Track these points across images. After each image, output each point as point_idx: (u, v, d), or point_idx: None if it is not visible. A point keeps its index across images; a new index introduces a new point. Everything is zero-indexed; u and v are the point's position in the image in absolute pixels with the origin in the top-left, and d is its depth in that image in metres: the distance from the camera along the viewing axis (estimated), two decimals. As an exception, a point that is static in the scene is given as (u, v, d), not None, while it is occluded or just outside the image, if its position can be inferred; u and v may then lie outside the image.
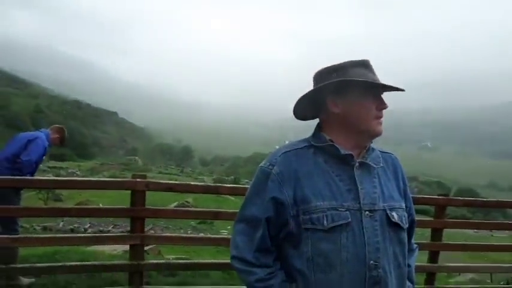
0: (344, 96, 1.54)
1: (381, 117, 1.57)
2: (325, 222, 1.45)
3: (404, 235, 1.60)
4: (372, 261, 1.45)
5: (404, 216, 1.60)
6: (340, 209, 1.47)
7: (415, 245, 1.82)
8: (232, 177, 67.88)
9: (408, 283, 1.65)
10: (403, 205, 1.63)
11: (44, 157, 5.17)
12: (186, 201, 27.86)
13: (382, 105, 1.56)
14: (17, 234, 4.82)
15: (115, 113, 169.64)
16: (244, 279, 1.58)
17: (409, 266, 1.66)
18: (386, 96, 1.60)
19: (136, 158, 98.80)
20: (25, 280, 4.75)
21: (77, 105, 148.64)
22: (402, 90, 1.58)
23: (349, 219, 1.46)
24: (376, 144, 1.69)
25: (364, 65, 1.57)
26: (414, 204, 1.84)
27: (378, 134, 1.58)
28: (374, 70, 1.57)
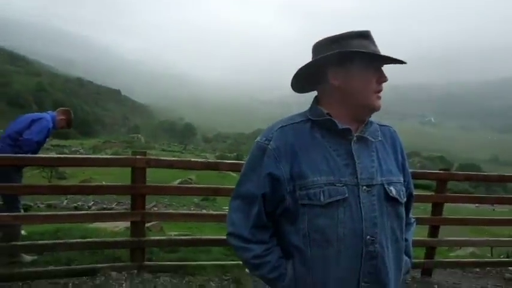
0: (345, 68, 1.49)
1: (380, 91, 1.52)
2: (322, 197, 1.43)
3: (402, 209, 1.57)
4: (368, 236, 1.44)
5: (402, 191, 1.58)
6: (337, 184, 1.44)
7: (412, 219, 1.80)
8: (234, 153, 68.04)
9: (405, 257, 1.64)
10: (401, 179, 1.60)
11: (47, 138, 5.15)
12: (189, 178, 27.98)
13: (383, 78, 1.51)
14: (19, 212, 4.85)
15: (117, 91, 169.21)
16: (241, 256, 1.57)
17: (406, 240, 1.65)
18: (390, 70, 1.56)
19: (139, 135, 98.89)
20: (27, 257, 4.80)
21: (79, 83, 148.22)
22: (404, 62, 1.53)
23: (346, 195, 1.44)
24: (379, 118, 1.65)
25: (366, 36, 1.51)
26: (416, 179, 1.82)
27: (376, 109, 1.53)
28: (375, 42, 1.52)
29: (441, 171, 5.47)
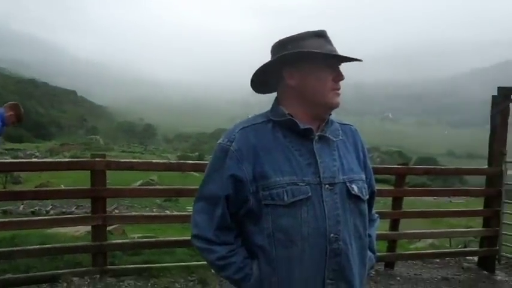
0: (300, 68, 1.51)
1: (338, 88, 1.54)
2: (285, 197, 1.43)
3: (365, 206, 1.60)
4: (332, 234, 1.45)
5: (365, 188, 1.60)
6: (300, 184, 1.45)
7: (375, 215, 1.83)
8: (196, 153, 67.53)
9: (369, 253, 1.66)
10: (363, 177, 1.62)
11: None
12: (151, 179, 27.57)
13: (339, 77, 1.53)
14: None
15: (73, 92, 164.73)
16: (206, 258, 1.56)
17: (369, 236, 1.67)
18: (348, 69, 1.57)
19: (98, 137, 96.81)
20: None
21: (33, 85, 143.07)
22: (359, 60, 1.55)
23: (310, 194, 1.45)
24: (340, 115, 1.67)
25: (321, 35, 1.53)
26: (376, 174, 1.84)
27: (335, 106, 1.55)
28: (331, 40, 1.54)
29: (400, 166, 5.61)
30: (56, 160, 4.49)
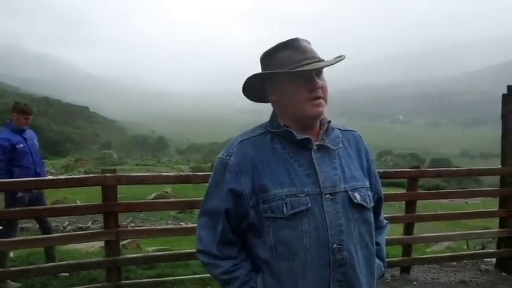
0: (274, 84, 1.53)
1: (315, 97, 1.48)
2: (284, 209, 1.43)
3: (370, 214, 1.58)
4: (335, 245, 1.44)
5: (369, 196, 1.57)
6: (299, 195, 1.44)
7: (384, 222, 1.80)
8: (209, 164, 67.57)
9: (378, 261, 1.64)
10: (367, 184, 1.60)
11: (11, 147, 4.82)
12: (165, 192, 27.53)
13: (314, 86, 1.47)
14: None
15: (86, 108, 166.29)
16: (210, 272, 1.57)
17: (377, 244, 1.66)
18: (357, 72, 1.53)
19: (111, 151, 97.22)
20: (13, 284, 4.67)
21: (46, 102, 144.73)
22: (331, 65, 1.50)
23: (309, 205, 1.44)
24: (353, 120, 1.64)
25: (290, 45, 1.50)
26: (388, 178, 1.83)
27: (314, 116, 1.51)
28: (304, 46, 1.50)
29: (412, 169, 5.55)
30: (67, 177, 4.54)
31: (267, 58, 1.54)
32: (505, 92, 5.73)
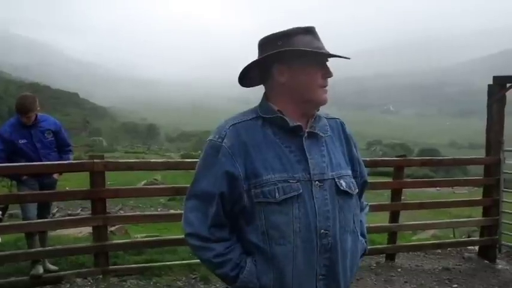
0: (289, 65, 1.53)
1: (325, 85, 1.56)
2: (276, 194, 1.46)
3: (354, 201, 1.63)
4: (322, 230, 1.48)
5: (353, 183, 1.62)
6: (291, 181, 1.48)
7: (365, 203, 1.85)
8: (199, 152, 67.24)
9: (360, 237, 1.69)
10: (349, 171, 1.65)
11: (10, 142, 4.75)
12: (155, 179, 27.49)
13: (327, 74, 1.55)
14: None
15: (75, 94, 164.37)
16: (201, 256, 1.56)
17: (360, 222, 1.70)
18: (347, 62, 1.58)
19: (101, 138, 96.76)
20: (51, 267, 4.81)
21: (35, 88, 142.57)
22: (348, 58, 1.58)
23: (301, 191, 1.47)
24: (342, 109, 1.68)
25: (310, 32, 1.55)
26: (375, 166, 1.87)
27: (322, 103, 1.57)
28: (319, 37, 1.56)
29: (397, 158, 5.63)
30: (55, 163, 4.50)
31: (286, 37, 1.52)
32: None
